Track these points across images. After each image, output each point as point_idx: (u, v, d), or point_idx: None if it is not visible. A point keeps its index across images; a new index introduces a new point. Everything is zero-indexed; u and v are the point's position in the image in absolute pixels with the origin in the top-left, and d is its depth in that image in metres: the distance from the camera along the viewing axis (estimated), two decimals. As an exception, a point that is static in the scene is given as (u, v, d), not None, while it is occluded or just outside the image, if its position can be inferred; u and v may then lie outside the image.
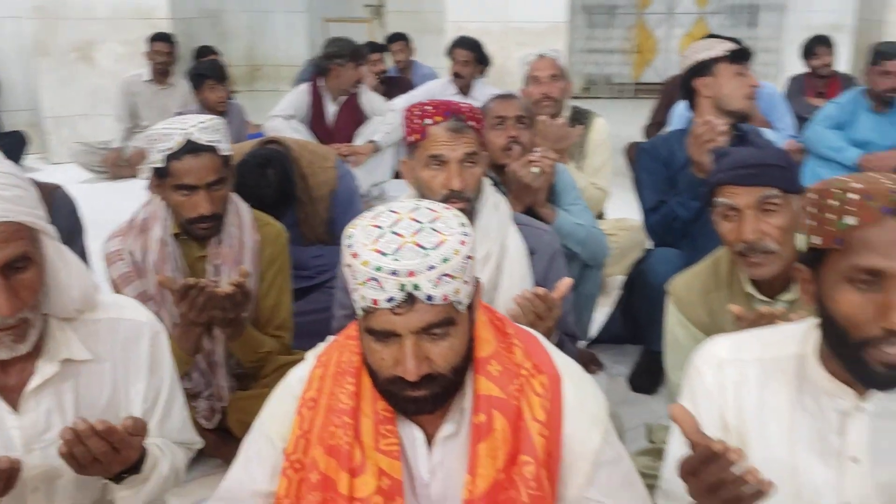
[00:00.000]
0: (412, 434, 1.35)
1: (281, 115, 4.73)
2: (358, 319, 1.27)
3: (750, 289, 1.90)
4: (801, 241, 1.30)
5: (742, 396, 1.38)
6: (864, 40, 5.45)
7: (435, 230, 1.20)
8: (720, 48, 2.75)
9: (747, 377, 1.38)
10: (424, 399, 1.25)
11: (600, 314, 3.08)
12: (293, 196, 2.91)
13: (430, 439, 1.35)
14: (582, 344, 2.98)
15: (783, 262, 1.81)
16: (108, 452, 1.32)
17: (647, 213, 2.79)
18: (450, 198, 1.89)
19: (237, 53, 9.40)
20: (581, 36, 9.49)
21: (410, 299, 1.18)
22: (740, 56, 2.73)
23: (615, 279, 3.50)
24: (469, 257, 1.22)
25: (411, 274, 1.16)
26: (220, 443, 2.26)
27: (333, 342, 1.41)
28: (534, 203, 2.42)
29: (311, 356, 1.44)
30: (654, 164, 2.79)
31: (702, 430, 1.16)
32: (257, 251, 2.26)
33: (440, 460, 1.35)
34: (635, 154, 2.95)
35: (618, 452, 1.38)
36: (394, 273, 1.16)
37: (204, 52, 6.36)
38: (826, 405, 1.32)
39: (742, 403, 1.37)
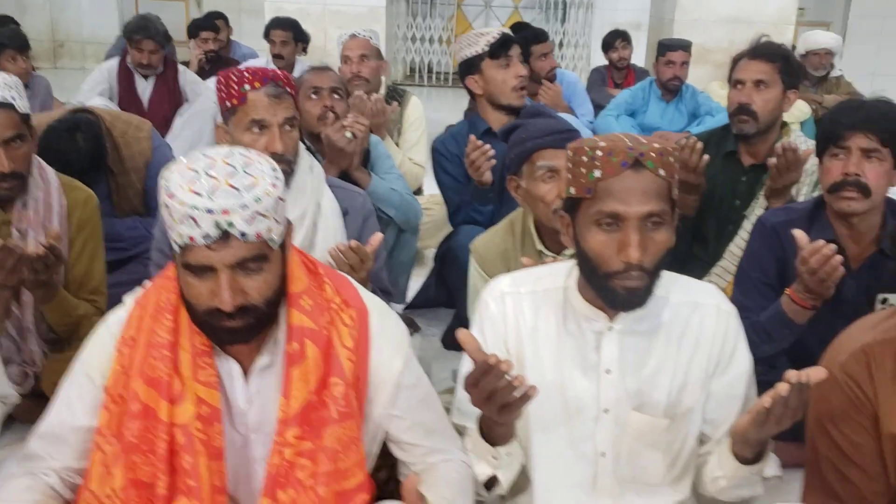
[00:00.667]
0: (229, 367, 1.44)
1: (89, 90, 4.55)
2: (175, 256, 1.35)
3: (540, 246, 2.14)
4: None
5: (519, 323, 1.60)
6: (656, 36, 5.98)
7: (248, 173, 1.30)
8: (482, 43, 2.87)
9: (523, 307, 1.60)
10: (240, 329, 1.35)
11: (417, 282, 3.27)
12: (104, 165, 2.86)
13: (246, 372, 1.45)
14: (399, 308, 3.15)
15: None
16: None
17: (450, 215, 2.94)
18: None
19: (38, 28, 8.84)
20: (403, 24, 9.68)
21: (225, 236, 1.28)
22: (501, 48, 2.85)
23: (431, 251, 3.69)
24: (280, 199, 1.33)
25: (226, 212, 1.26)
26: (33, 407, 2.22)
27: (151, 286, 1.48)
28: (348, 167, 2.55)
29: (129, 299, 1.50)
30: (448, 164, 2.92)
31: (482, 349, 1.36)
32: (65, 216, 2.25)
33: (257, 390, 1.46)
34: (432, 154, 3.06)
35: (417, 377, 1.56)
36: (209, 212, 1.26)
37: (2, 21, 5.97)
38: (585, 328, 1.56)
39: (519, 329, 1.60)
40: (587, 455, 1.58)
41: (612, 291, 1.44)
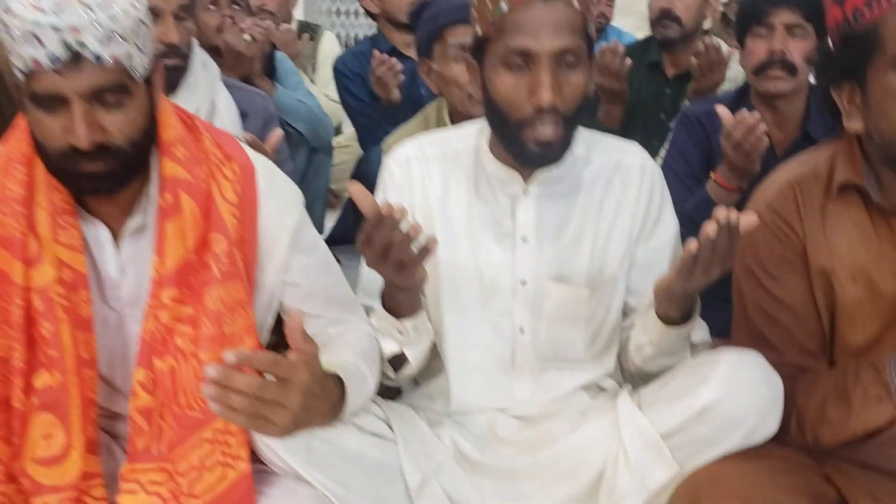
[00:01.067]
0: (96, 231, 1.29)
1: None
2: (21, 87, 1.18)
3: None
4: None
5: (427, 188, 1.46)
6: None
7: None
8: None
9: (431, 172, 1.47)
10: (101, 175, 1.19)
11: (333, 220, 3.11)
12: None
13: (117, 237, 1.30)
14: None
15: None
16: None
17: (360, 140, 2.85)
18: (166, 54, 1.84)
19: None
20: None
21: (76, 58, 1.12)
22: None
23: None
24: (143, 23, 1.19)
25: (75, 30, 1.11)
26: None
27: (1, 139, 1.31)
28: (248, 73, 2.40)
29: None
30: (353, 85, 2.82)
31: (375, 202, 1.21)
32: None
33: (130, 257, 1.30)
34: (334, 75, 2.96)
35: (313, 240, 1.42)
36: (55, 29, 1.10)
37: None
38: (499, 192, 1.44)
39: (427, 196, 1.46)
40: (504, 332, 1.46)
41: (524, 144, 1.32)
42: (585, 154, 1.45)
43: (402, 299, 1.36)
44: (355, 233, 3.26)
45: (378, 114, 2.60)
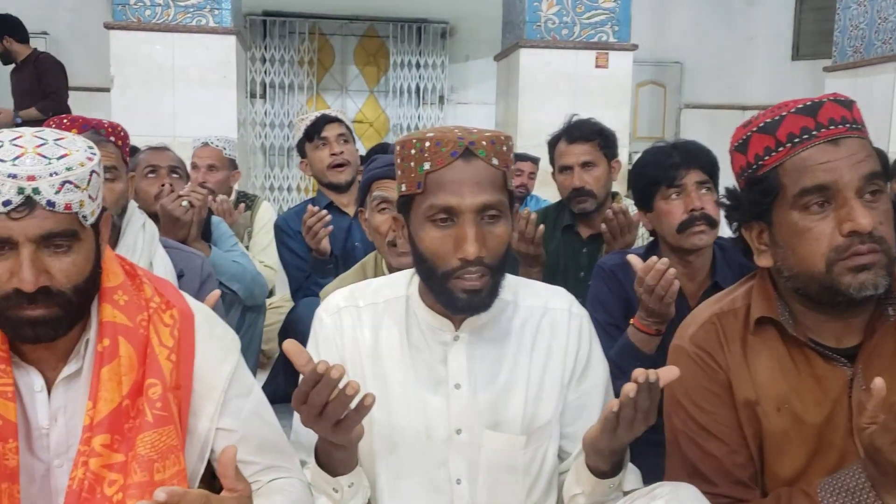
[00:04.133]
0: (29, 379, 1.27)
1: None
2: None
3: None
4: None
5: (358, 340, 1.47)
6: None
7: (59, 145, 1.20)
8: (302, 128, 3.08)
9: (362, 321, 1.48)
10: (43, 320, 1.19)
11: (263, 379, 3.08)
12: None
13: (50, 386, 1.28)
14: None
15: None
16: None
17: (293, 292, 2.94)
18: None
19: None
20: (261, 174, 9.73)
21: (29, 203, 1.15)
22: (313, 130, 3.04)
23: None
24: (95, 173, 1.22)
25: (31, 178, 1.14)
26: None
27: None
28: (185, 238, 2.44)
29: None
30: (290, 241, 2.95)
31: (311, 360, 1.21)
32: None
33: (62, 404, 1.28)
34: (275, 232, 3.12)
35: (249, 384, 1.42)
36: (12, 176, 1.14)
37: None
38: (430, 339, 1.45)
39: (359, 346, 1.47)
40: (440, 484, 1.43)
41: (452, 294, 1.35)
42: (513, 299, 1.47)
43: (337, 456, 1.34)
44: (286, 391, 3.23)
45: (310, 267, 2.68)
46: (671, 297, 1.92)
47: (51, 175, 1.16)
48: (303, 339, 2.46)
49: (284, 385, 3.01)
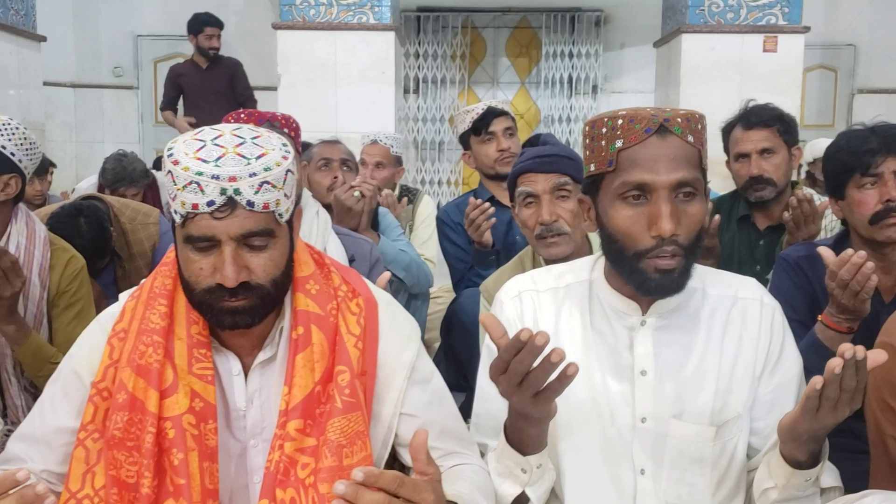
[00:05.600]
0: (228, 363, 1.33)
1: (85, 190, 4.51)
2: (176, 231, 1.26)
3: None
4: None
5: (539, 322, 1.44)
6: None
7: (257, 144, 1.24)
8: (467, 120, 3.04)
9: (543, 305, 1.46)
10: (242, 310, 1.24)
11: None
12: (109, 249, 2.84)
13: (246, 370, 1.34)
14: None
15: (575, 244, 1.98)
16: None
17: (455, 283, 2.96)
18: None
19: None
20: (412, 168, 9.93)
21: (231, 203, 1.19)
22: (481, 125, 3.00)
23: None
24: (290, 171, 1.25)
25: (232, 179, 1.18)
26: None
27: (147, 278, 1.40)
28: (356, 227, 2.51)
29: (125, 295, 1.41)
30: (452, 233, 2.94)
31: (506, 334, 1.18)
32: (46, 267, 2.19)
33: (257, 387, 1.34)
34: (436, 224, 3.15)
35: (430, 372, 1.43)
36: (215, 177, 1.18)
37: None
38: (615, 323, 1.41)
39: (539, 328, 1.39)
40: (624, 474, 1.39)
41: (644, 274, 1.30)
42: (701, 287, 1.42)
43: (530, 433, 1.30)
44: (447, 380, 3.28)
45: (472, 259, 2.68)
46: (867, 293, 1.79)
47: (250, 176, 1.19)
48: (465, 329, 2.51)
49: (446, 374, 3.04)
